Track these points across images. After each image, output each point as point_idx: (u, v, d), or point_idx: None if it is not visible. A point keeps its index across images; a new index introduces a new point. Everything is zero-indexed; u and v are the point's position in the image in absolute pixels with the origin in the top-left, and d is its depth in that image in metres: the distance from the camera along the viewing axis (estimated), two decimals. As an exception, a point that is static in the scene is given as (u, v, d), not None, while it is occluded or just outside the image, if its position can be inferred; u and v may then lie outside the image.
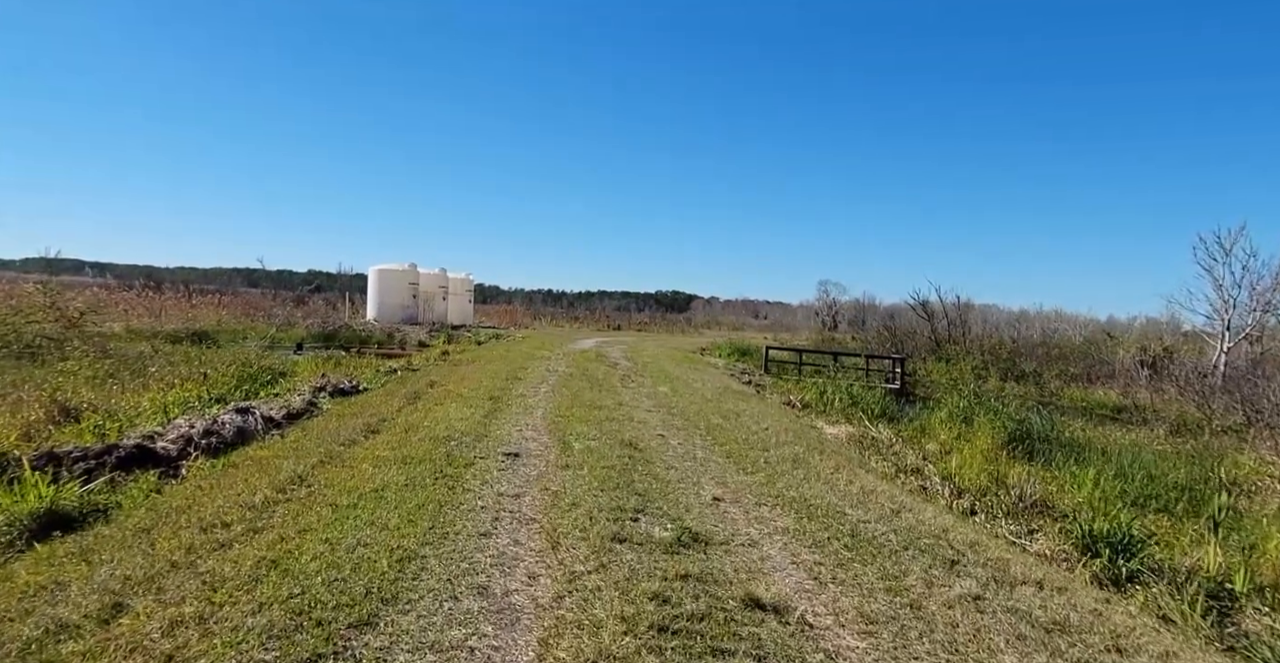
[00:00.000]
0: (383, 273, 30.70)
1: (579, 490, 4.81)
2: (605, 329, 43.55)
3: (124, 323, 18.08)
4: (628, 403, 9.58)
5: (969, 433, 9.33)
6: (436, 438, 6.29)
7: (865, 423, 10.05)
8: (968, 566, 3.86)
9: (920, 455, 7.88)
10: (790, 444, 7.42)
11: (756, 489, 5.34)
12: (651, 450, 6.50)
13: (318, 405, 9.06)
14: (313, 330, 26.12)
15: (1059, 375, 22.27)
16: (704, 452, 6.72)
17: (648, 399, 10.30)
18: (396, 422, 7.24)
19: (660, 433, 7.56)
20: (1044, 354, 23.45)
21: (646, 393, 11.00)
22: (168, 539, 3.44)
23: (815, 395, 12.75)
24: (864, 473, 6.38)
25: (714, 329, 56.88)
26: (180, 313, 22.31)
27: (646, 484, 5.14)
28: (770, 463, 6.32)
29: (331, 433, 6.52)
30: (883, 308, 64.64)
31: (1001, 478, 6.35)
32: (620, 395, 10.31)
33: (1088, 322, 40.06)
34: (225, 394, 8.61)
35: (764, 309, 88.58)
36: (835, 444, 8.49)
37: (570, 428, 7.33)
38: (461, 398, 9.01)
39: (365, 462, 5.27)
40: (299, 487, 4.52)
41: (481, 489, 4.73)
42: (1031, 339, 31.48)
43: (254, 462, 5.30)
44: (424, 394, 9.50)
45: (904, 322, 34.11)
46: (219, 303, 30.53)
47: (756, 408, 10.48)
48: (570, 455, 6.01)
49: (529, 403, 8.98)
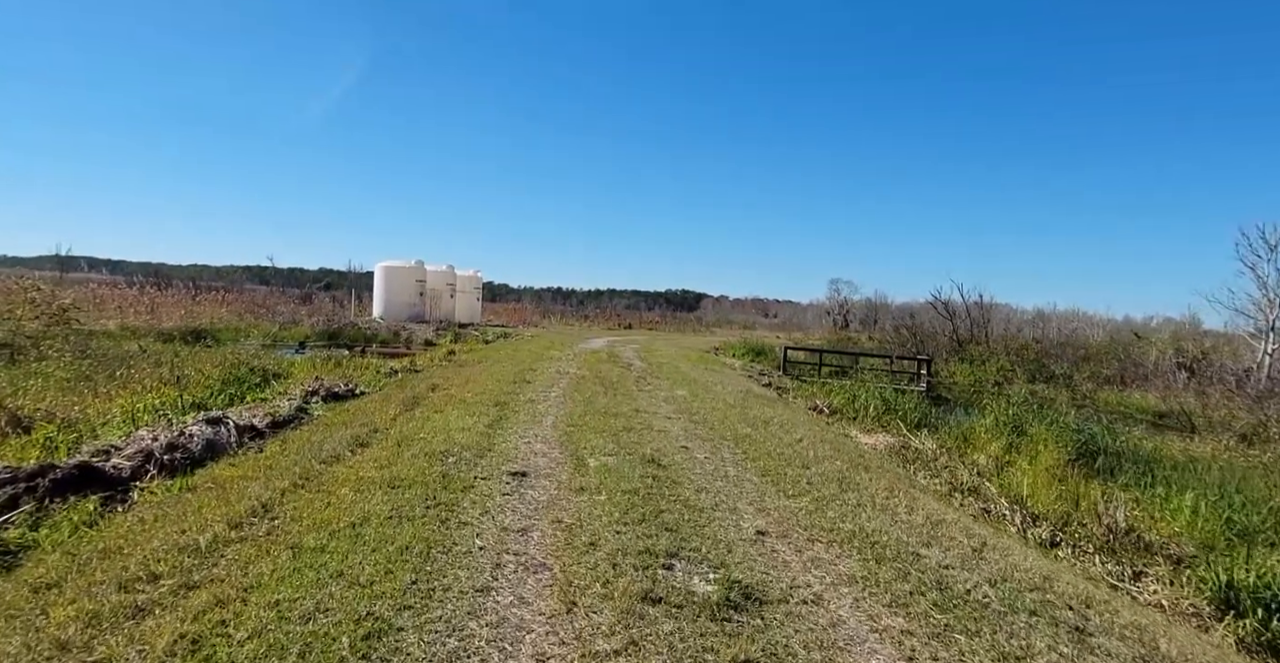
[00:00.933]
0: (389, 270, 30.03)
1: (598, 524, 4.01)
2: (616, 328, 42.76)
3: (119, 321, 17.47)
4: (645, 409, 8.78)
5: (1021, 444, 8.46)
6: (433, 453, 5.50)
7: (904, 431, 9.19)
8: (1100, 635, 3.02)
9: (973, 471, 7.02)
10: (830, 459, 6.59)
11: (805, 519, 4.52)
12: (677, 468, 5.69)
13: (307, 412, 8.31)
14: (317, 329, 25.49)
15: (1090, 377, 21.26)
16: (736, 469, 5.91)
17: (666, 404, 9.49)
18: (390, 432, 6.46)
19: (684, 445, 6.75)
20: (1074, 355, 22.41)
21: (664, 397, 10.19)
22: (69, 604, 2.66)
23: (844, 400, 11.90)
24: (922, 496, 5.54)
25: (725, 328, 56.01)
26: (181, 311, 21.72)
27: (677, 515, 4.33)
28: (814, 484, 5.49)
29: (314, 446, 5.75)
30: (894, 306, 63.79)
31: (1079, 501, 5.49)
32: (637, 400, 9.51)
33: (1105, 321, 38.97)
34: (206, 400, 7.87)
35: (774, 308, 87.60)
36: (876, 457, 7.65)
37: (584, 440, 6.53)
38: (464, 404, 8.24)
39: (346, 485, 4.49)
40: (260, 520, 3.74)
41: (481, 522, 3.93)
42: (1052, 339, 30.41)
43: (216, 484, 4.53)
44: (424, 399, 8.73)
45: (921, 321, 33.14)
46: (224, 301, 30.02)
47: (784, 415, 9.65)
48: (585, 475, 5.21)
49: (538, 410, 8.20)
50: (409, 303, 29.78)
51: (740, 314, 79.18)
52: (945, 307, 27.63)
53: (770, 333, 48.80)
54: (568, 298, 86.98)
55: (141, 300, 20.93)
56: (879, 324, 63.96)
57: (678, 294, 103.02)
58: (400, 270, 29.96)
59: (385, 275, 30.00)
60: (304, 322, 26.00)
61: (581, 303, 78.08)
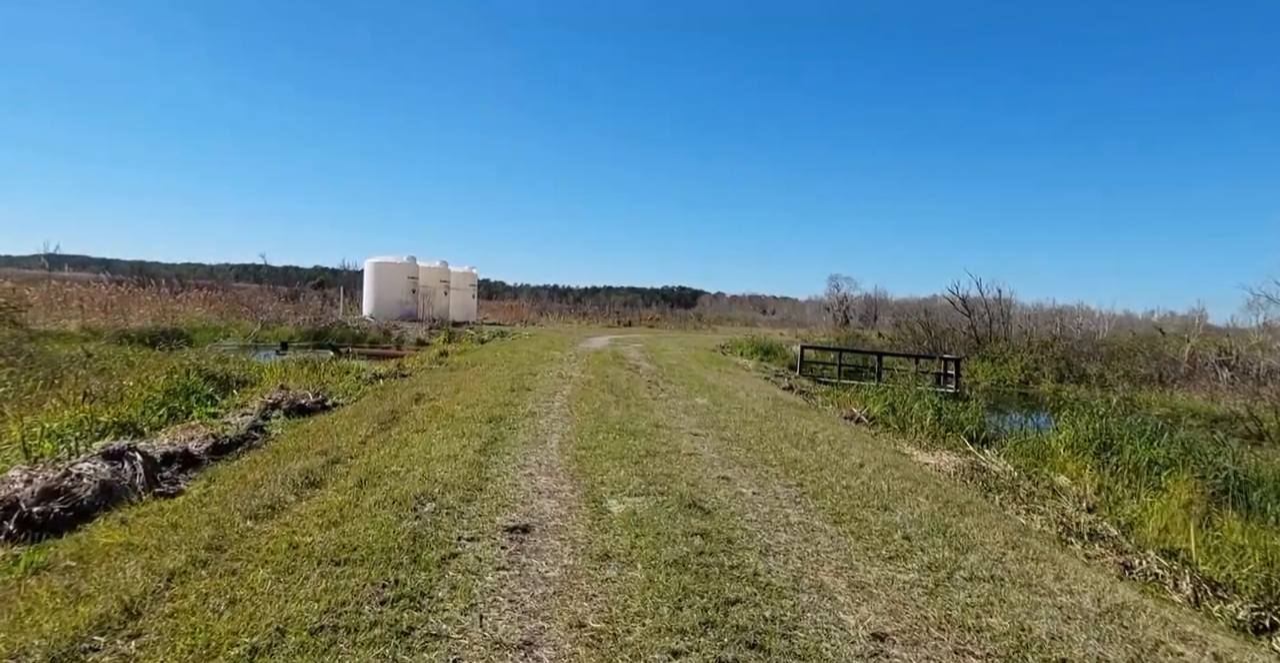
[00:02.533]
0: (379, 266, 28.54)
1: (638, 631, 2.65)
2: (615, 326, 41.39)
3: (80, 321, 16.05)
4: (666, 423, 7.44)
5: (1115, 465, 7.13)
6: (404, 498, 4.14)
7: (968, 448, 7.85)
8: None
9: (1082, 504, 5.68)
10: (910, 494, 5.23)
11: (929, 607, 3.16)
12: (725, 512, 4.34)
13: (263, 431, 6.93)
14: (302, 328, 24.06)
15: (1125, 377, 19.97)
16: (798, 511, 4.56)
17: (687, 415, 8.15)
18: (355, 463, 5.10)
19: (724, 475, 5.41)
20: (1106, 353, 21.10)
21: (684, 407, 8.85)
22: None
23: (882, 408, 10.55)
24: (1061, 556, 4.19)
25: (727, 325, 54.72)
26: (155, 310, 20.28)
27: (749, 605, 2.97)
28: (911, 539, 4.13)
29: (249, 488, 4.38)
30: (893, 302, 62.70)
31: (1272, 559, 4.15)
32: (654, 412, 8.16)
33: (1110, 316, 37.83)
34: (137, 418, 6.48)
35: (772, 304, 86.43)
36: (956, 488, 6.30)
37: (600, 470, 5.18)
38: (452, 420, 6.87)
39: (268, 561, 3.13)
40: (110, 639, 2.38)
41: (461, 632, 2.58)
42: (1073, 336, 29.13)
43: (80, 561, 3.16)
44: (405, 414, 7.36)
45: (935, 317, 31.85)
46: (207, 299, 28.58)
47: (824, 428, 8.30)
48: (608, 530, 3.86)
49: (540, 426, 6.84)
50: (401, 301, 28.34)
51: (739, 311, 77.85)
52: (963, 302, 26.30)
53: (773, 330, 47.49)
54: (564, 295, 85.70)
55: (110, 299, 19.45)
56: (879, 320, 62.83)
57: (675, 291, 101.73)
58: (391, 267, 28.48)
59: (376, 272, 28.53)
60: (289, 321, 24.58)
61: (579, 300, 76.73)
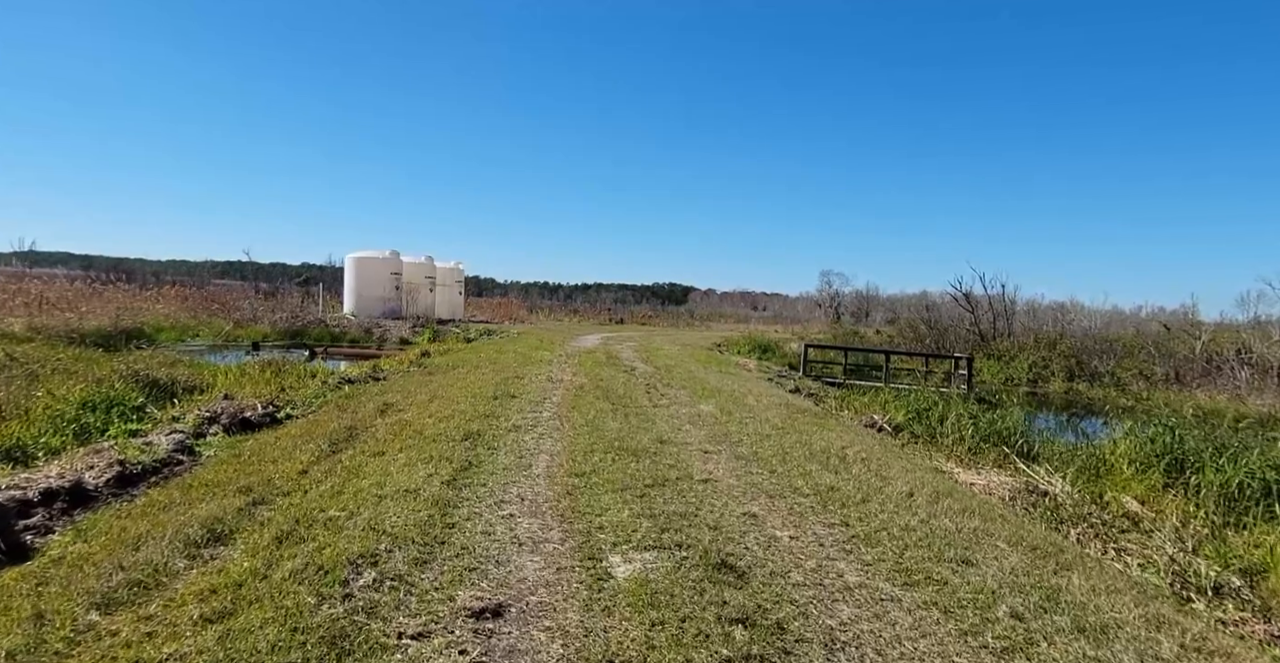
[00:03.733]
0: (361, 262, 27.20)
1: None
2: (607, 323, 40.26)
3: (27, 320, 14.76)
4: (672, 438, 6.38)
5: (1185, 483, 6.14)
6: (332, 565, 3.04)
7: (1019, 466, 6.84)
8: None
9: (1186, 543, 4.67)
10: (986, 536, 4.19)
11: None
12: (762, 573, 3.29)
13: (194, 452, 5.80)
14: (278, 327, 22.76)
15: (1139, 375, 19.12)
16: (854, 567, 3.51)
17: (694, 426, 7.10)
18: (282, 506, 3.99)
19: (749, 510, 4.35)
20: (1120, 350, 20.24)
21: (689, 415, 7.80)
22: None
23: (906, 414, 9.54)
24: (1226, 640, 3.16)
25: (719, 322, 53.77)
26: (114, 307, 18.96)
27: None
28: (1022, 615, 3.09)
29: (124, 550, 3.27)
30: (884, 298, 62.19)
31: None
32: (656, 423, 7.10)
33: (1101, 313, 37.25)
34: (31, 441, 5.33)
35: (762, 301, 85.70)
36: (1013, 515, 5.28)
37: (598, 508, 4.11)
38: (420, 439, 5.76)
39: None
40: None
41: None
42: (1076, 333, 28.34)
43: None
44: (365, 431, 6.25)
45: (935, 314, 30.99)
46: (180, 295, 27.22)
47: (852, 441, 7.26)
48: (612, 612, 2.79)
49: (525, 444, 5.76)
50: (383, 298, 27.06)
51: (730, 307, 76.96)
52: (967, 298, 25.42)
53: (766, 327, 46.56)
54: (555, 292, 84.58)
55: (66, 296, 18.13)
56: (870, 317, 62.14)
57: (665, 288, 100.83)
58: (373, 262, 27.16)
59: (357, 267, 27.20)
60: (265, 319, 23.27)
61: (569, 297, 75.69)
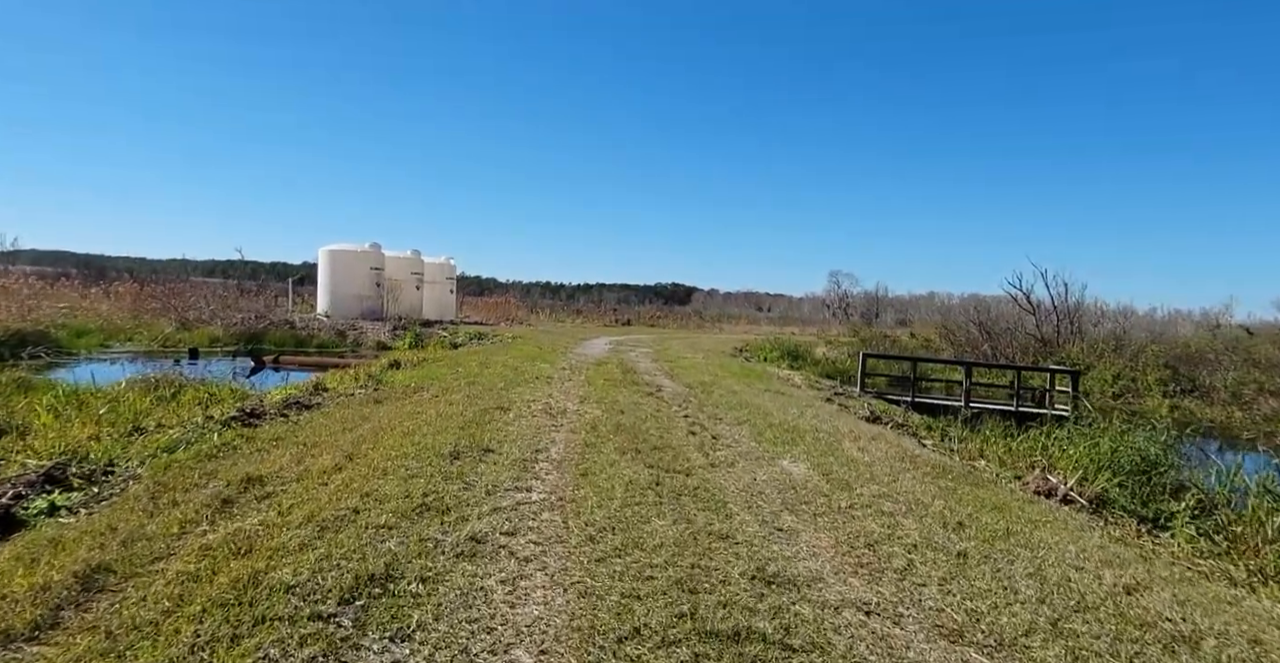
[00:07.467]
0: (335, 255, 23.95)
1: None
2: (613, 325, 37.12)
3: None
4: (779, 566, 3.29)
5: None
6: None
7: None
8: None
9: None
10: None
11: None
12: None
13: None
14: (232, 329, 19.55)
15: (1263, 391, 16.01)
16: None
17: (800, 520, 4.02)
18: None
19: None
20: (1241, 361, 17.09)
21: (777, 489, 4.71)
22: None
23: (1103, 476, 6.38)
24: None
25: (730, 323, 50.72)
26: (26, 305, 15.89)
27: None
28: None
29: None
30: (892, 299, 59.76)
31: None
32: (732, 513, 4.01)
33: (1157, 318, 34.76)
34: None
35: (767, 301, 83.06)
36: None
37: None
38: (232, 611, 2.67)
39: None
40: None
41: None
42: (1141, 340, 25.22)
43: None
44: (129, 579, 3.15)
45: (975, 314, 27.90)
46: (133, 294, 24.10)
47: (1085, 555, 4.16)
48: None
49: (479, 618, 2.64)
50: (361, 296, 23.87)
51: (734, 308, 74.19)
52: (1028, 299, 22.28)
53: (780, 329, 43.60)
54: (556, 292, 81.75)
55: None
56: (880, 317, 59.45)
57: (668, 288, 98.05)
58: (349, 255, 23.94)
59: (331, 261, 23.95)
60: (218, 320, 20.14)
61: (571, 297, 72.89)
